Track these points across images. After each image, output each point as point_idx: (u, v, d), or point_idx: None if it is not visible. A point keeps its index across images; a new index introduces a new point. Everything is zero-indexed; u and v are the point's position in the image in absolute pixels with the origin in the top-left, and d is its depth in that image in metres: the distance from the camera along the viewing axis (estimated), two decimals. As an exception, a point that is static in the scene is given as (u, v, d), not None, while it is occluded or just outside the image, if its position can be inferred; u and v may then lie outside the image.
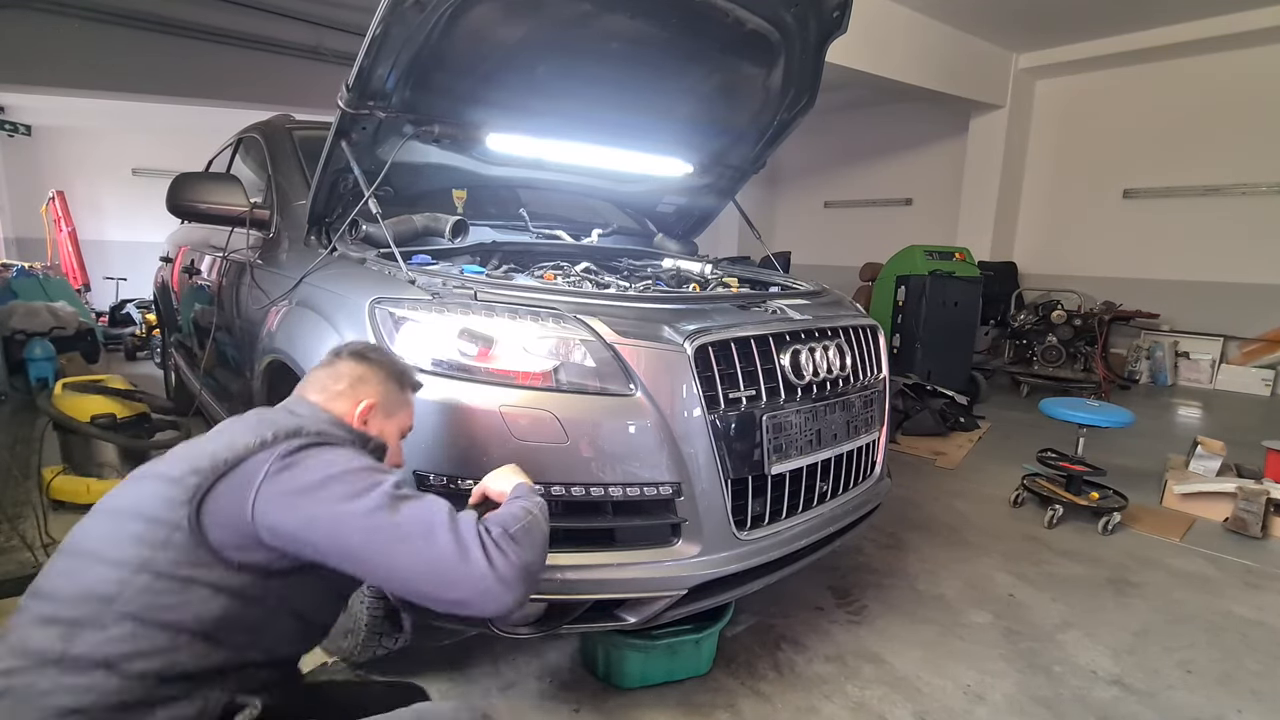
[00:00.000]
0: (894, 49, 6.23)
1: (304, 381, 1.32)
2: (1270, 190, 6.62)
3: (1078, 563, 2.91)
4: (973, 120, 7.97)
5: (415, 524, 1.03)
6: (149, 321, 7.07)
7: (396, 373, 1.36)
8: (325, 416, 1.23)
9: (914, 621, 2.40)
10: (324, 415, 1.23)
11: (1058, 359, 6.52)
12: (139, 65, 6.50)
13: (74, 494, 3.07)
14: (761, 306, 2.02)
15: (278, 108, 3.85)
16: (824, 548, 2.06)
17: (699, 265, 2.65)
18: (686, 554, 1.68)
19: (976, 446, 4.60)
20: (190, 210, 2.50)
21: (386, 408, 1.32)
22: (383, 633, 1.84)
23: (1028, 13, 6.41)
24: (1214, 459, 3.72)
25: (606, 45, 2.20)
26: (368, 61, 1.81)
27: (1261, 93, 6.57)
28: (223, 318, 2.86)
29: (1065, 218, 8.00)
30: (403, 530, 1.02)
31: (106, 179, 10.08)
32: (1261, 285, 6.72)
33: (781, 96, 2.60)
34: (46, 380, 4.69)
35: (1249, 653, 2.30)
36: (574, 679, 2.02)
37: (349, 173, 2.11)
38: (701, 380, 1.67)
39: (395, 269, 1.85)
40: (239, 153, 3.42)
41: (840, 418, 1.99)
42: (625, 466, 1.62)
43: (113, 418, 3.17)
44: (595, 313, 1.69)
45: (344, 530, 1.02)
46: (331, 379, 1.29)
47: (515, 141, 2.38)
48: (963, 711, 1.95)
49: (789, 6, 2.21)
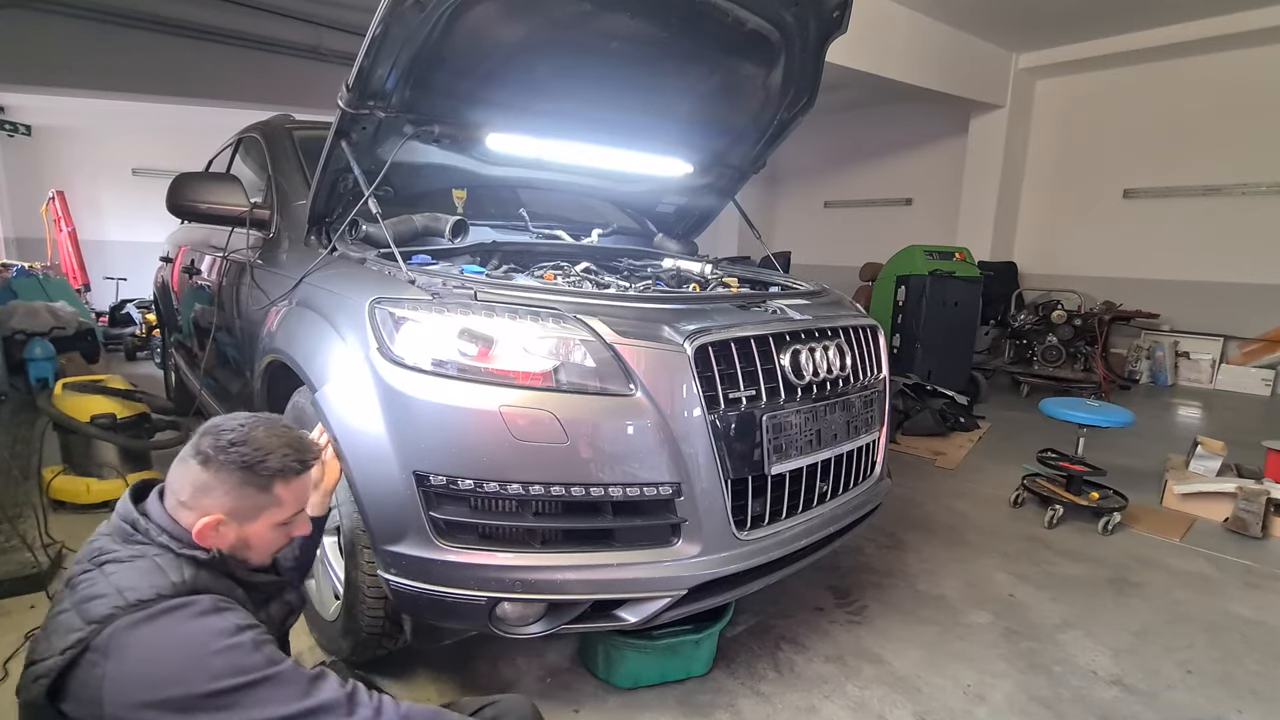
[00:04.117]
0: (894, 49, 6.23)
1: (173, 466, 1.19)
2: (1270, 190, 6.62)
3: (1078, 563, 2.91)
4: (973, 120, 7.97)
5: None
6: (149, 321, 7.07)
7: (254, 473, 1.16)
8: (170, 531, 1.12)
9: (914, 621, 2.40)
10: (170, 533, 1.12)
11: (1058, 359, 6.52)
12: (139, 65, 6.50)
13: (74, 494, 3.08)
14: (761, 306, 2.02)
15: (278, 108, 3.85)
16: (824, 548, 2.06)
17: (699, 265, 2.65)
18: (686, 554, 1.68)
19: (976, 446, 4.60)
20: (190, 210, 2.50)
21: (241, 516, 1.17)
22: (383, 634, 1.84)
23: (1028, 13, 6.41)
24: (1214, 459, 3.72)
25: (606, 45, 2.20)
26: (368, 61, 1.81)
27: (1261, 93, 6.57)
28: (223, 318, 2.86)
29: (1065, 218, 8.00)
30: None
31: (106, 179, 10.07)
32: (1261, 285, 6.73)
33: (781, 96, 2.60)
34: (46, 380, 4.69)
35: (1249, 653, 2.30)
36: (574, 679, 2.02)
37: (349, 173, 2.11)
38: (701, 380, 1.67)
39: (395, 269, 1.84)
40: (239, 153, 3.42)
41: (840, 418, 1.99)
42: (625, 466, 1.61)
43: (113, 418, 3.18)
44: (595, 313, 1.68)
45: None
46: (179, 482, 1.15)
47: (515, 141, 2.38)
48: (963, 711, 1.95)
49: (789, 6, 2.21)
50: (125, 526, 1.13)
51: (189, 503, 1.14)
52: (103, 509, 3.07)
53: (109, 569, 1.06)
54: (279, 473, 1.19)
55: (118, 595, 1.00)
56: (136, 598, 1.00)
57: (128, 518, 1.14)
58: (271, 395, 2.25)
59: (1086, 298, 7.28)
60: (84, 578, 1.06)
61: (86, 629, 0.97)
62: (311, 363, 1.86)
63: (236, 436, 1.16)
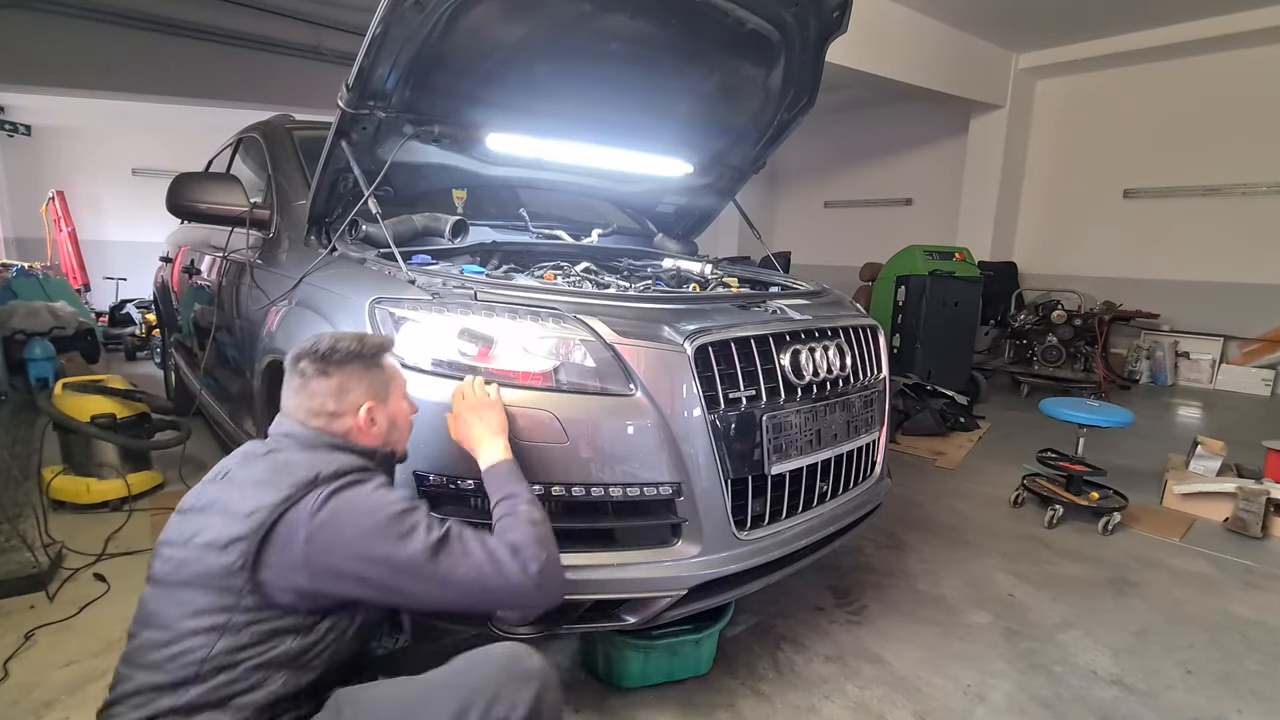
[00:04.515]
0: (894, 49, 6.23)
1: (287, 403, 1.31)
2: (1270, 190, 6.62)
3: (1078, 563, 2.91)
4: (973, 120, 7.97)
5: (460, 567, 1.15)
6: (149, 321, 7.07)
7: (364, 357, 1.32)
8: (329, 440, 1.27)
9: (914, 621, 2.40)
10: (328, 438, 1.27)
11: (1058, 359, 6.52)
12: (139, 65, 6.50)
13: (74, 494, 3.08)
14: (761, 306, 2.02)
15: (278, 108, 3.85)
16: (824, 548, 2.06)
17: (699, 265, 2.65)
18: (686, 554, 1.68)
19: (976, 446, 4.60)
20: (190, 210, 2.50)
21: (379, 395, 1.33)
22: (382, 633, 1.84)
23: (1028, 13, 6.42)
24: (1214, 459, 3.72)
25: (606, 45, 2.20)
26: (368, 61, 1.81)
27: (1261, 93, 6.57)
28: (223, 318, 2.86)
29: (1065, 218, 8.00)
30: (449, 576, 1.14)
31: (106, 179, 10.08)
32: (1261, 285, 6.73)
33: (781, 96, 2.60)
34: (46, 380, 4.69)
35: (1249, 653, 2.30)
36: (574, 679, 2.02)
37: (349, 173, 2.11)
38: (701, 380, 1.67)
39: (395, 269, 1.84)
40: (239, 153, 3.42)
41: (840, 418, 1.99)
42: (625, 466, 1.61)
43: (113, 418, 3.18)
44: (595, 313, 1.68)
45: (396, 582, 1.13)
46: (314, 401, 1.28)
47: (515, 141, 2.38)
48: (963, 711, 1.95)
49: (789, 6, 2.21)
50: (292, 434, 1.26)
51: (338, 409, 1.28)
52: (103, 509, 3.08)
53: (287, 456, 1.20)
54: (378, 349, 1.35)
55: (312, 469, 1.15)
56: (334, 469, 1.16)
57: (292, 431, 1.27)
58: (272, 395, 2.24)
59: (1086, 298, 7.28)
60: (259, 461, 1.19)
61: (289, 490, 1.11)
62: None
63: (326, 344, 1.30)
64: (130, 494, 3.14)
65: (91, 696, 1.88)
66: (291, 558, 1.09)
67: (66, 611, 2.27)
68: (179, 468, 3.39)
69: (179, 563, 1.12)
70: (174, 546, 1.14)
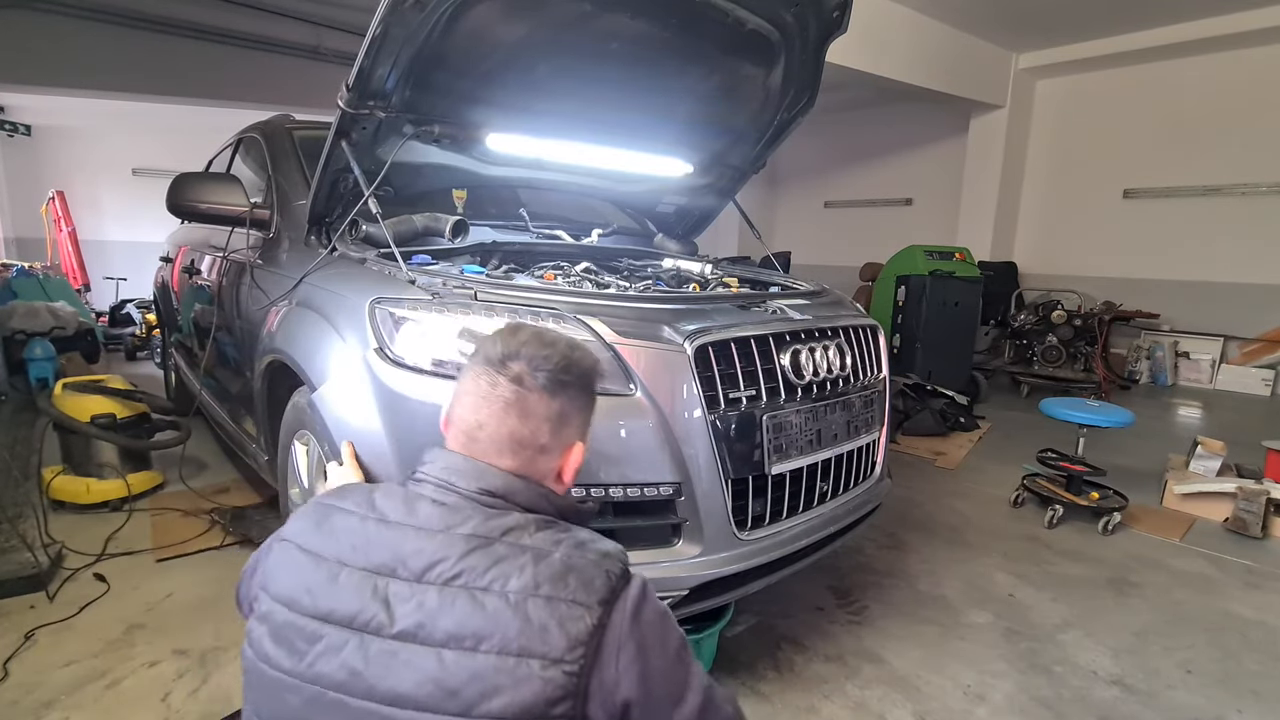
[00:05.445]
0: (894, 49, 6.22)
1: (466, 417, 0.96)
2: (1270, 190, 6.62)
3: (1078, 563, 2.91)
4: (973, 120, 7.97)
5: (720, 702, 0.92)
6: (149, 321, 7.07)
7: (592, 381, 1.01)
8: (539, 493, 0.94)
9: (914, 621, 2.40)
10: (538, 492, 0.94)
11: (1058, 359, 6.52)
12: (139, 65, 6.50)
13: (74, 494, 3.07)
14: (761, 306, 2.02)
15: (278, 108, 3.85)
16: (824, 548, 2.06)
17: (699, 265, 2.65)
18: (687, 554, 1.68)
19: (977, 446, 4.60)
20: (190, 210, 2.50)
21: (585, 435, 1.01)
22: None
23: (1028, 13, 6.41)
24: (1214, 459, 3.72)
25: (606, 45, 2.20)
26: (368, 61, 1.81)
27: (1261, 93, 6.57)
28: (223, 318, 2.86)
29: (1065, 218, 8.00)
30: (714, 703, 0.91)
31: (106, 179, 10.07)
32: (1261, 285, 6.73)
33: (781, 96, 2.60)
34: (46, 380, 4.69)
35: (1249, 653, 2.30)
36: (574, 679, 2.02)
37: (349, 173, 2.11)
38: (702, 380, 1.67)
39: (395, 269, 1.84)
40: (239, 153, 3.42)
41: (840, 418, 1.99)
42: (625, 467, 1.61)
43: (113, 418, 3.18)
44: (595, 313, 1.68)
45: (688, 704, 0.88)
46: (527, 426, 0.93)
47: (515, 141, 2.38)
48: (963, 711, 1.95)
49: (789, 6, 2.21)
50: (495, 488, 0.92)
51: (549, 443, 0.94)
52: (103, 509, 3.07)
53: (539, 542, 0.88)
54: (600, 371, 1.05)
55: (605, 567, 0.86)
56: (621, 565, 0.89)
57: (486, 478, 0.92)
58: (272, 395, 2.25)
59: (1086, 298, 7.28)
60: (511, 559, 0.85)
61: (597, 609, 0.83)
62: (311, 363, 1.86)
63: (560, 351, 0.97)
64: (130, 494, 3.14)
65: (91, 696, 1.88)
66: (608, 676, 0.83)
67: (66, 611, 2.27)
68: (179, 468, 3.39)
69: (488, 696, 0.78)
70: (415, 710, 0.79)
